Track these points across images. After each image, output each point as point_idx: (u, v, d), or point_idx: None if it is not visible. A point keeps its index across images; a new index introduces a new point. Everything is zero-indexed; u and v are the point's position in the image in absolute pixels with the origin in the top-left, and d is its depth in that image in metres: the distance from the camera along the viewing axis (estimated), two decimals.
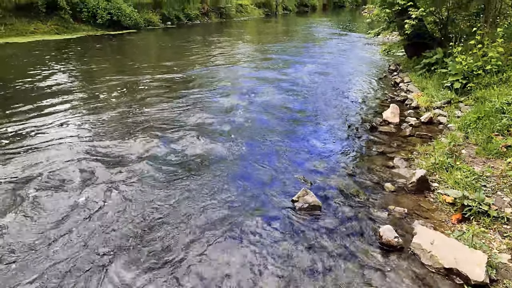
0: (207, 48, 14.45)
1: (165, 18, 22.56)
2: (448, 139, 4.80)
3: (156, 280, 2.56)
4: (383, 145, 5.10)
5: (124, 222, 3.24)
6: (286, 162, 4.53)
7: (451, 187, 3.72)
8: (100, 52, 13.52)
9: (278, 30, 24.75)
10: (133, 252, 2.85)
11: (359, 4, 51.33)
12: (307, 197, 3.53)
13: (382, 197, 3.73)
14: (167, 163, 4.44)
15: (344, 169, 4.39)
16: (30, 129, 5.47)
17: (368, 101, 7.40)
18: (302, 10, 43.46)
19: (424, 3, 8.31)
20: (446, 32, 8.66)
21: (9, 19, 15.32)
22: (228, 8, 28.65)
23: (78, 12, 17.60)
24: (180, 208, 3.48)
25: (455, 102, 6.29)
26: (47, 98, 7.14)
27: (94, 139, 5.19)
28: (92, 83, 8.45)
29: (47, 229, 3.13)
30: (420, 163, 4.37)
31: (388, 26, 9.67)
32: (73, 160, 4.45)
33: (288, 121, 6.12)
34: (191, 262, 2.76)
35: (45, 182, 3.91)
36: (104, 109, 6.59)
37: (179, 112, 6.41)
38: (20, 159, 4.46)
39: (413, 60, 9.34)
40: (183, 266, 2.72)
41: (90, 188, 3.81)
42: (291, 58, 12.38)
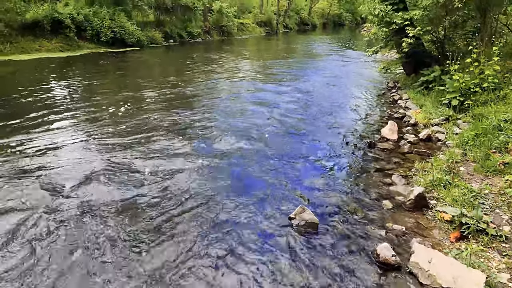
0: (208, 65, 14.65)
1: (167, 36, 22.97)
2: (446, 156, 4.80)
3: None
4: (381, 162, 5.10)
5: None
6: (284, 179, 4.52)
7: (449, 204, 3.69)
8: (103, 69, 13.72)
9: (279, 48, 25.14)
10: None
11: (359, 23, 52.27)
12: (304, 214, 3.52)
13: (380, 215, 3.71)
14: (162, 176, 4.43)
15: (342, 186, 4.38)
16: (35, 144, 5.49)
17: (367, 118, 7.45)
18: (302, 28, 44.22)
19: (421, 22, 8.47)
20: (443, 50, 8.79)
21: (15, 37, 15.63)
22: (230, 27, 29.17)
23: (83, 31, 17.96)
24: (173, 223, 3.46)
25: (453, 119, 6.32)
26: (50, 113, 7.18)
27: (101, 152, 5.21)
28: (95, 99, 8.53)
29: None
30: (418, 180, 4.36)
31: (386, 44, 9.82)
32: (80, 171, 4.47)
33: (286, 137, 6.14)
34: (183, 279, 2.72)
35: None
36: (107, 123, 6.62)
37: (179, 127, 6.44)
38: (27, 173, 4.47)
39: (411, 78, 9.45)
40: (175, 283, 2.69)
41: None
42: (290, 75, 12.53)
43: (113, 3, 19.32)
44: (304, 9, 46.26)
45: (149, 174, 4.55)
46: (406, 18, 8.05)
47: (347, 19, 55.51)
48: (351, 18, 55.76)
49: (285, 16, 41.06)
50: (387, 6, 8.29)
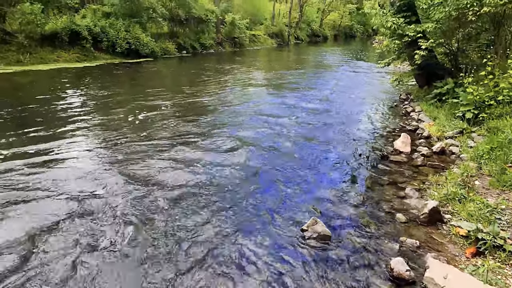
0: (221, 75, 14.84)
1: (181, 47, 23.40)
2: (461, 170, 4.74)
3: None
4: (394, 174, 5.06)
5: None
6: (296, 190, 4.53)
7: (464, 219, 3.64)
8: (118, 79, 14.02)
9: (290, 59, 25.32)
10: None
11: (370, 35, 52.35)
12: (317, 226, 3.51)
13: (393, 228, 3.67)
14: (174, 184, 4.48)
15: (355, 198, 4.36)
16: (52, 149, 5.63)
17: (379, 130, 7.42)
18: (313, 40, 44.50)
19: (434, 34, 8.47)
20: (456, 63, 8.74)
21: (34, 48, 16.15)
22: (242, 38, 29.56)
23: (99, 42, 18.44)
24: (185, 233, 3.49)
25: (467, 132, 6.25)
26: (66, 121, 7.37)
27: (115, 160, 5.31)
28: (111, 107, 8.72)
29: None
30: (432, 193, 4.31)
31: (399, 56, 9.83)
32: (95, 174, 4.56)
33: (298, 148, 6.16)
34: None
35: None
36: (124, 131, 6.74)
37: (193, 134, 6.52)
38: (44, 180, 4.58)
39: (424, 90, 9.40)
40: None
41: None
42: (302, 86, 12.59)
43: (128, 15, 19.81)
44: (316, 21, 46.62)
45: (164, 185, 4.60)
46: (418, 30, 8.07)
47: (359, 30, 55.68)
48: (363, 30, 55.92)
49: (297, 28, 41.42)
50: (399, 19, 8.32)
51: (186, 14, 23.62)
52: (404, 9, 8.65)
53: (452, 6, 7.05)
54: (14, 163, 5.15)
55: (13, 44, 15.50)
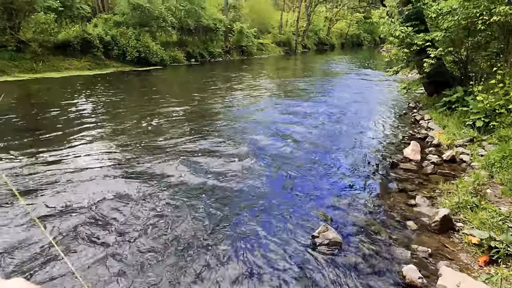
0: (229, 83, 14.99)
1: (189, 55, 23.69)
2: (472, 178, 4.71)
3: None
4: (404, 182, 5.05)
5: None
6: (306, 197, 4.55)
7: (476, 227, 3.62)
8: (129, 86, 14.25)
9: (298, 67, 25.44)
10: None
11: (377, 43, 52.36)
12: (328, 233, 3.52)
13: (405, 236, 3.67)
14: (182, 187, 4.54)
15: (365, 205, 4.36)
16: (65, 154, 5.74)
17: (388, 138, 7.41)
18: (321, 48, 44.65)
19: (443, 43, 8.48)
20: (466, 71, 8.73)
21: (47, 56, 16.51)
22: (250, 47, 29.80)
23: (110, 50, 18.79)
24: (198, 236, 3.53)
25: (478, 140, 6.22)
26: (79, 127, 7.50)
27: (126, 163, 5.39)
28: (122, 113, 8.87)
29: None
30: (443, 201, 4.29)
31: (407, 64, 9.84)
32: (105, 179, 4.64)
33: (308, 156, 6.18)
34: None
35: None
36: (134, 136, 6.84)
37: (203, 140, 6.59)
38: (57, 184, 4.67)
39: (433, 98, 9.38)
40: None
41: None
42: (310, 94, 12.65)
43: (139, 24, 20.17)
44: (323, 30, 46.83)
45: (173, 187, 4.66)
46: (427, 39, 8.09)
47: (366, 39, 55.74)
48: (370, 38, 55.98)
49: (304, 36, 41.65)
50: (408, 28, 8.36)
51: (195, 23, 23.96)
52: (413, 18, 8.69)
53: (461, 15, 7.08)
54: (28, 162, 5.27)
55: (27, 53, 15.88)
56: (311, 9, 40.82)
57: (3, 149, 6.06)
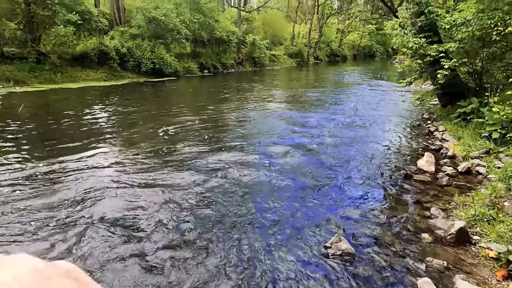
0: (242, 93, 15.13)
1: (202, 66, 24.08)
2: (489, 190, 4.63)
3: None
4: (418, 194, 4.99)
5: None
6: (319, 208, 4.53)
7: (494, 240, 3.54)
8: (143, 97, 14.54)
9: (310, 78, 25.54)
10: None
11: (390, 54, 52.20)
12: (341, 244, 3.50)
13: (419, 248, 3.61)
14: (198, 202, 4.58)
15: (378, 217, 4.31)
16: (81, 162, 5.88)
17: (402, 149, 7.34)
18: (333, 59, 44.77)
19: (457, 54, 8.43)
20: (481, 82, 8.62)
21: (65, 67, 17.04)
22: (262, 58, 30.13)
23: (125, 62, 19.28)
24: (212, 248, 3.55)
25: (494, 152, 6.11)
26: (94, 136, 7.68)
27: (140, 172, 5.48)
28: (137, 122, 9.04)
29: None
30: (459, 214, 4.21)
31: (420, 75, 9.78)
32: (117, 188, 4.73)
33: (321, 166, 6.17)
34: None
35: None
36: (148, 144, 6.96)
37: (214, 149, 6.65)
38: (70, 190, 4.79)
39: (447, 109, 9.27)
40: None
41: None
42: (322, 105, 12.66)
43: (154, 37, 20.67)
44: (335, 41, 47.03)
45: (185, 192, 4.71)
46: (441, 50, 8.05)
47: (378, 50, 55.65)
48: (382, 49, 55.88)
49: (316, 47, 41.89)
50: (421, 39, 8.34)
51: (208, 35, 24.42)
52: (426, 29, 8.67)
53: (476, 26, 7.04)
54: (48, 170, 5.41)
55: (46, 64, 16.42)
56: (323, 21, 41.10)
57: (21, 157, 6.25)
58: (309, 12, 45.01)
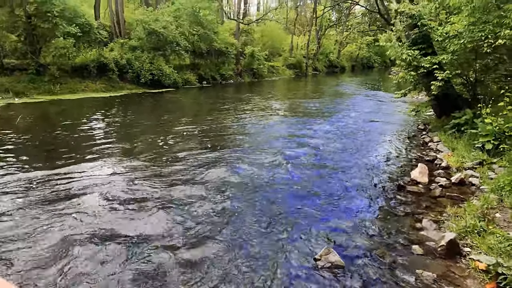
0: (240, 104, 15.20)
1: (201, 78, 24.24)
2: (481, 202, 4.63)
3: None
4: (410, 205, 4.99)
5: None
6: (310, 218, 4.52)
7: (484, 252, 3.53)
8: (142, 108, 14.63)
9: (308, 89, 25.68)
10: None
11: (388, 65, 52.60)
12: (330, 256, 3.48)
13: (409, 260, 3.59)
14: (188, 214, 4.57)
15: (370, 228, 4.30)
16: (78, 171, 5.88)
17: (396, 160, 7.36)
18: (331, 70, 45.07)
19: (450, 66, 8.51)
20: (475, 93, 8.69)
21: (64, 79, 17.16)
22: (261, 69, 30.35)
23: (125, 73, 19.43)
24: (201, 263, 3.53)
25: (487, 163, 6.12)
26: (95, 146, 7.69)
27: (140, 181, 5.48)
28: (135, 133, 9.07)
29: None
30: (451, 225, 4.21)
31: (415, 87, 9.86)
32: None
33: (314, 176, 6.18)
34: None
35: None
36: (146, 154, 6.96)
37: (209, 161, 6.65)
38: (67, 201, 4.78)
39: (442, 120, 9.32)
40: None
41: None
42: (319, 115, 12.71)
43: (153, 48, 20.88)
44: (333, 52, 47.43)
45: (180, 204, 4.71)
46: (434, 62, 8.13)
47: (376, 61, 56.08)
48: (380, 60, 56.33)
49: (314, 59, 42.25)
50: (414, 51, 8.44)
51: (207, 47, 24.65)
52: (419, 41, 8.78)
53: (467, 39, 7.14)
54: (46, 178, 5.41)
55: (46, 76, 16.53)
56: (321, 32, 41.55)
57: (17, 168, 6.25)
58: (307, 24, 45.56)
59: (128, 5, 27.49)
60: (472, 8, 6.75)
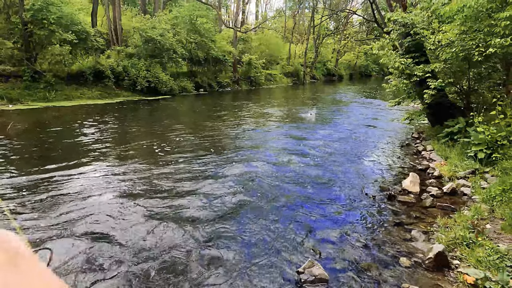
0: (236, 112, 15.17)
1: (198, 85, 24.26)
2: (472, 212, 4.54)
3: None
4: (401, 215, 4.89)
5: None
6: (297, 229, 4.41)
7: (473, 265, 3.43)
8: (137, 115, 14.54)
9: (305, 96, 25.69)
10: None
11: (386, 74, 52.90)
12: (314, 269, 3.37)
13: (396, 273, 3.48)
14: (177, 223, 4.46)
15: (357, 239, 4.20)
16: (69, 178, 5.77)
17: (388, 168, 7.27)
18: (329, 79, 45.31)
19: (443, 74, 8.49)
20: (468, 102, 8.65)
21: (60, 86, 17.11)
22: (258, 77, 30.45)
23: (121, 80, 19.41)
24: (182, 276, 3.42)
25: (480, 172, 6.04)
26: (85, 153, 7.59)
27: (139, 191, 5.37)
28: (127, 141, 8.97)
29: None
30: (440, 237, 4.11)
31: (409, 95, 9.82)
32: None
33: (304, 186, 6.08)
34: None
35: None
36: (141, 160, 6.87)
37: (205, 167, 6.56)
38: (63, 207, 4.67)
39: (436, 128, 9.27)
40: None
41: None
42: (314, 123, 12.65)
43: (150, 56, 20.90)
44: (331, 61, 47.74)
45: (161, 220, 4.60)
46: (427, 70, 8.11)
47: (374, 70, 56.45)
48: (378, 69, 56.68)
49: (312, 67, 42.46)
50: (407, 59, 8.42)
51: (205, 54, 24.72)
52: (412, 49, 8.78)
53: (459, 47, 7.12)
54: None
55: (41, 82, 16.47)
56: (319, 41, 41.84)
57: (6, 175, 6.14)
58: (305, 32, 45.93)
59: (125, 12, 27.57)
60: (464, 17, 6.75)
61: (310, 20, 39.56)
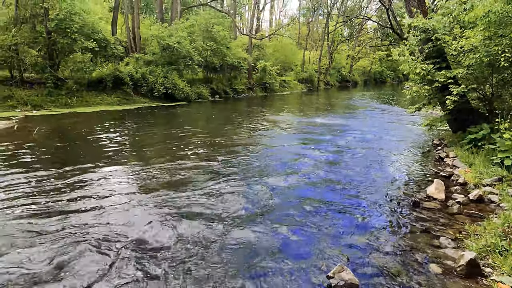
0: (252, 118, 15.26)
1: (213, 91, 24.54)
2: (501, 220, 4.44)
3: None
4: (427, 222, 4.83)
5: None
6: (323, 234, 4.42)
7: (507, 273, 3.36)
8: (156, 121, 14.78)
9: (320, 102, 25.65)
10: None
11: (401, 80, 52.33)
12: (343, 273, 3.37)
13: (427, 280, 3.45)
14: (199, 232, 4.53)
15: (384, 245, 4.17)
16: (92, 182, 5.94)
17: (411, 175, 7.19)
18: (343, 85, 45.13)
19: (466, 80, 8.38)
20: (491, 108, 8.50)
21: (81, 92, 17.60)
22: (272, 84, 30.59)
23: (139, 87, 19.82)
24: (211, 277, 3.47)
25: (507, 180, 5.92)
26: (107, 158, 7.78)
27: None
28: (145, 147, 9.15)
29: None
30: (470, 244, 4.04)
31: (429, 102, 9.71)
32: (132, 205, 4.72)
33: (327, 192, 6.07)
34: None
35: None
36: (161, 165, 7.01)
37: (222, 173, 6.63)
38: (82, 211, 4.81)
39: (458, 135, 9.12)
40: None
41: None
42: (331, 129, 12.62)
43: (167, 63, 21.30)
44: (345, 67, 47.57)
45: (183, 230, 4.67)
46: (449, 76, 8.03)
47: (389, 76, 55.95)
48: (393, 75, 56.17)
49: (326, 73, 42.39)
50: (428, 65, 8.35)
51: (220, 61, 25.01)
52: (434, 55, 8.71)
53: (483, 53, 7.03)
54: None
55: (63, 89, 16.98)
56: (333, 47, 41.83)
57: (33, 179, 6.35)
58: (319, 39, 45.94)
59: (144, 21, 28.25)
60: (488, 23, 6.67)
61: (325, 26, 39.59)
